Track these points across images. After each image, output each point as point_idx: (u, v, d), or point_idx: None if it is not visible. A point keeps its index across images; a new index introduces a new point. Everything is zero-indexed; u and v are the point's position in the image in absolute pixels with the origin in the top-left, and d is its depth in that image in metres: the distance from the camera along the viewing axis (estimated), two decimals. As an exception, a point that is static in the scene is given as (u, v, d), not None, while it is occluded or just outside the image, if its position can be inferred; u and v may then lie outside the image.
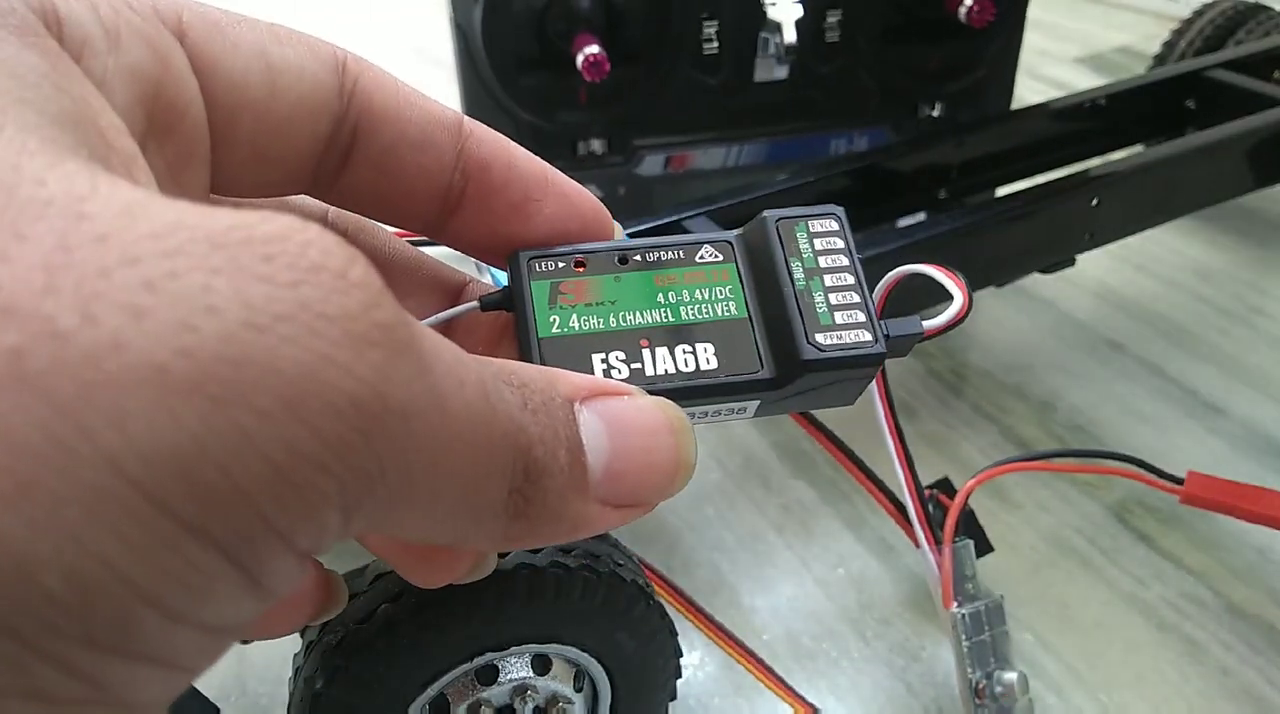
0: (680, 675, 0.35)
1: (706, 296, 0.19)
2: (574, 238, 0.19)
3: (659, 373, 0.18)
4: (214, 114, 0.15)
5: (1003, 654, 0.37)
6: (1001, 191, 0.57)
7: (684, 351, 0.18)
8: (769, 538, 0.47)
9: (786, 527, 0.48)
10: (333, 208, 0.19)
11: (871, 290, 0.19)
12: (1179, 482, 0.37)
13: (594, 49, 0.46)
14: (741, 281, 0.19)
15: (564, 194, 0.18)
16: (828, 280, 0.18)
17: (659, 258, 0.19)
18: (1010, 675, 0.36)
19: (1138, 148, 0.61)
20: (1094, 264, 0.64)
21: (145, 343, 0.09)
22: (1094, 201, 0.49)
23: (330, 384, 0.10)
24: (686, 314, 0.18)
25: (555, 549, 0.29)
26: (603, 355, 0.18)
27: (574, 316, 0.18)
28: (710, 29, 0.50)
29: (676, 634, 0.33)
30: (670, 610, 0.33)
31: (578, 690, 0.32)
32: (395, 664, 0.28)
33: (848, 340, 0.18)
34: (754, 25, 0.50)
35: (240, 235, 0.10)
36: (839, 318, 0.18)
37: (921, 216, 0.55)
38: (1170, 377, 0.57)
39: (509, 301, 0.18)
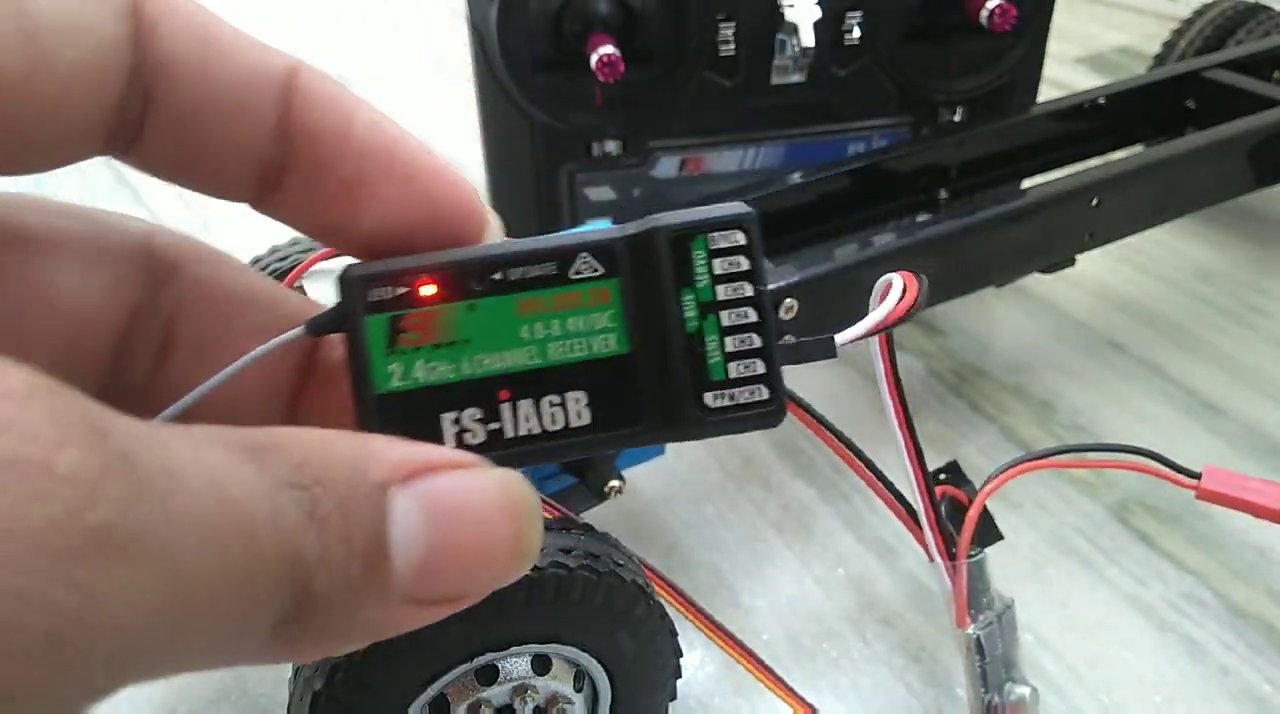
0: (680, 675, 0.35)
1: (580, 327, 0.15)
2: (424, 237, 0.15)
3: (520, 434, 0.15)
4: None
5: (1014, 663, 0.36)
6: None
7: (551, 404, 0.15)
8: (769, 538, 0.47)
9: (786, 527, 0.48)
10: (160, 230, 0.16)
11: (776, 319, 0.16)
12: (1195, 476, 0.37)
13: (609, 49, 0.45)
14: (624, 304, 0.15)
15: (413, 177, 0.15)
16: (726, 318, 0.15)
17: (523, 276, 0.15)
18: (1023, 690, 0.36)
19: (1138, 148, 0.61)
20: (1094, 264, 0.64)
21: None
22: (1094, 201, 0.49)
23: (21, 625, 0.08)
24: (556, 352, 0.15)
25: (555, 549, 0.29)
26: (454, 415, 0.15)
27: (419, 363, 0.15)
28: (727, 31, 0.50)
29: (676, 634, 0.33)
30: (670, 610, 0.33)
31: (578, 690, 0.32)
32: (395, 664, 0.28)
33: (741, 399, 0.15)
34: (771, 27, 0.50)
35: None
36: (734, 369, 0.15)
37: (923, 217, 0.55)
38: (1170, 377, 0.57)
39: (341, 321, 0.15)
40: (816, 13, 0.49)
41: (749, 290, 0.16)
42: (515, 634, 0.29)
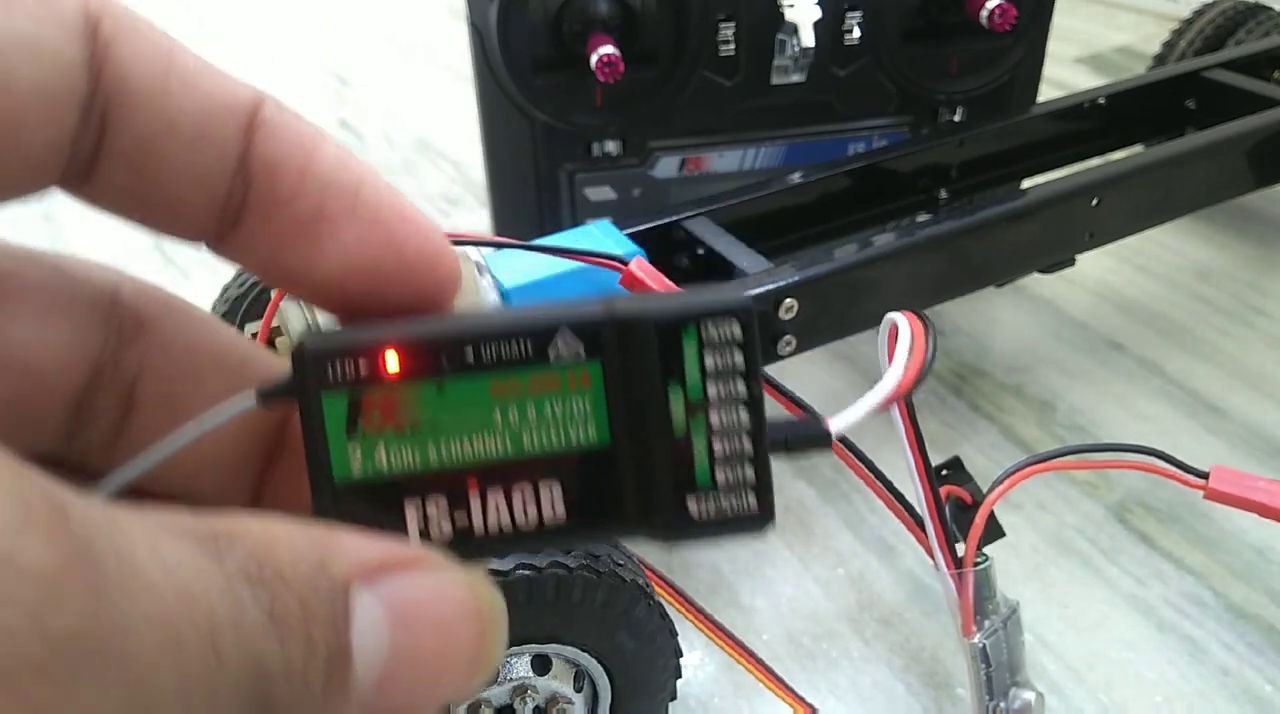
0: (680, 675, 0.35)
1: (558, 414, 0.14)
2: (388, 285, 0.14)
3: (489, 530, 0.14)
4: None
5: (1019, 667, 0.36)
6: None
7: (524, 496, 0.14)
8: (769, 538, 0.47)
9: (786, 526, 0.48)
10: (128, 279, 0.15)
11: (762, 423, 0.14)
12: (1204, 476, 0.37)
13: (609, 49, 0.45)
14: (606, 391, 0.14)
15: (378, 218, 0.13)
16: (715, 419, 0.14)
17: (497, 355, 0.14)
18: (1028, 696, 0.35)
19: (1138, 148, 0.61)
20: (1094, 264, 0.64)
21: None
22: (1094, 201, 0.49)
23: None
24: (530, 441, 0.14)
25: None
26: (419, 504, 0.14)
27: (381, 449, 0.13)
28: (727, 31, 0.50)
29: (676, 634, 0.33)
30: (670, 610, 0.33)
31: (578, 690, 0.32)
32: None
33: (726, 509, 0.14)
34: (771, 27, 0.50)
35: None
36: (721, 476, 0.14)
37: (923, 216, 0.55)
38: (1170, 376, 0.57)
39: (295, 391, 0.14)
40: (816, 13, 0.49)
41: (742, 389, 0.14)
42: (515, 634, 0.29)
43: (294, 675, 0.10)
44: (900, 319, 0.16)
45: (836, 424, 0.15)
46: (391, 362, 0.13)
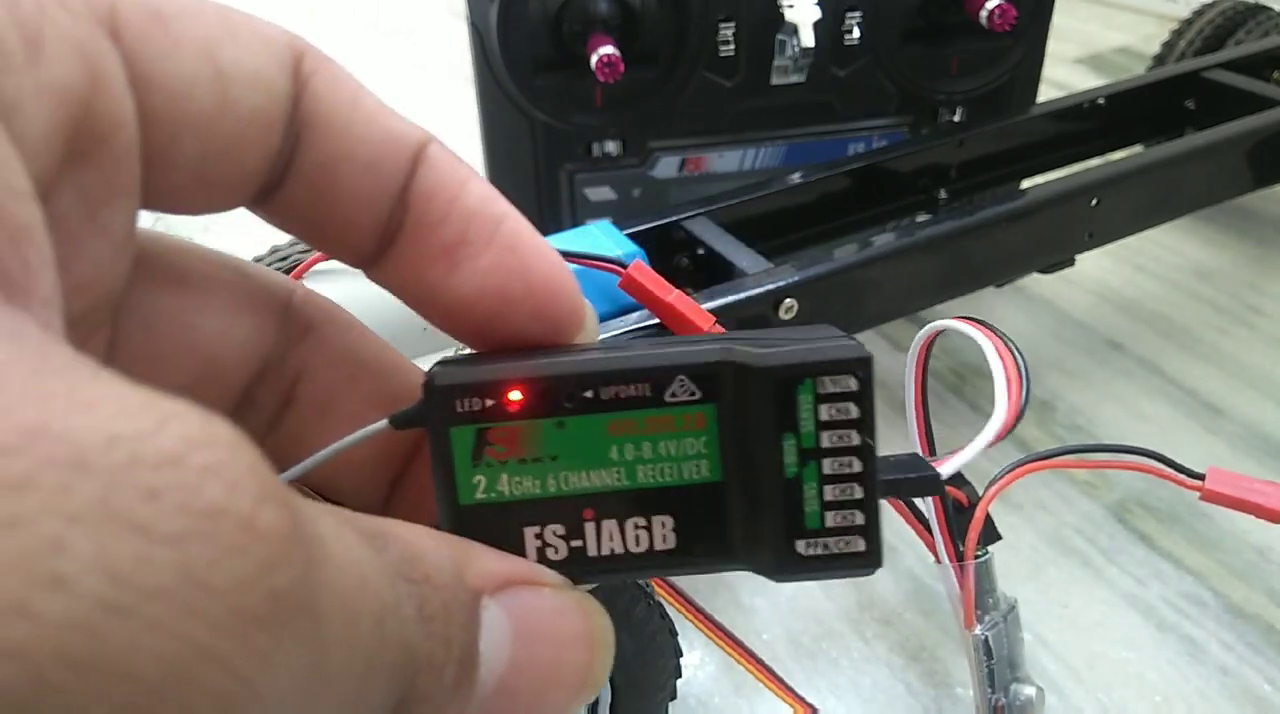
0: (680, 675, 0.35)
1: (673, 453, 0.15)
2: (515, 316, 0.15)
3: (602, 554, 0.14)
4: (150, 135, 0.12)
5: (1018, 663, 0.36)
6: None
7: (636, 526, 0.15)
8: (769, 538, 0.47)
9: (786, 526, 0.48)
10: (301, 287, 0.16)
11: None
12: (1199, 477, 0.37)
13: (609, 50, 0.45)
14: (720, 432, 0.15)
15: (514, 250, 0.15)
16: (828, 466, 0.14)
17: (616, 395, 0.14)
18: (1029, 691, 0.36)
19: (1137, 148, 0.61)
20: (1093, 264, 0.64)
21: None
22: (1093, 202, 0.49)
23: (197, 683, 0.08)
24: (645, 476, 0.14)
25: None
26: (537, 529, 0.14)
27: (503, 478, 0.14)
28: (727, 31, 0.50)
29: (676, 634, 0.33)
30: (670, 610, 0.33)
31: (578, 690, 0.32)
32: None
33: (835, 549, 0.15)
34: (771, 28, 0.50)
35: (122, 455, 0.08)
36: (831, 519, 0.15)
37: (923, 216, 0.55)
38: (1169, 376, 0.57)
39: (425, 419, 0.15)
40: (816, 13, 0.49)
41: (855, 440, 0.15)
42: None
43: (434, 669, 0.11)
44: (985, 343, 0.16)
45: (946, 469, 0.15)
46: (516, 399, 0.14)
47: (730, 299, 0.39)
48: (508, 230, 0.15)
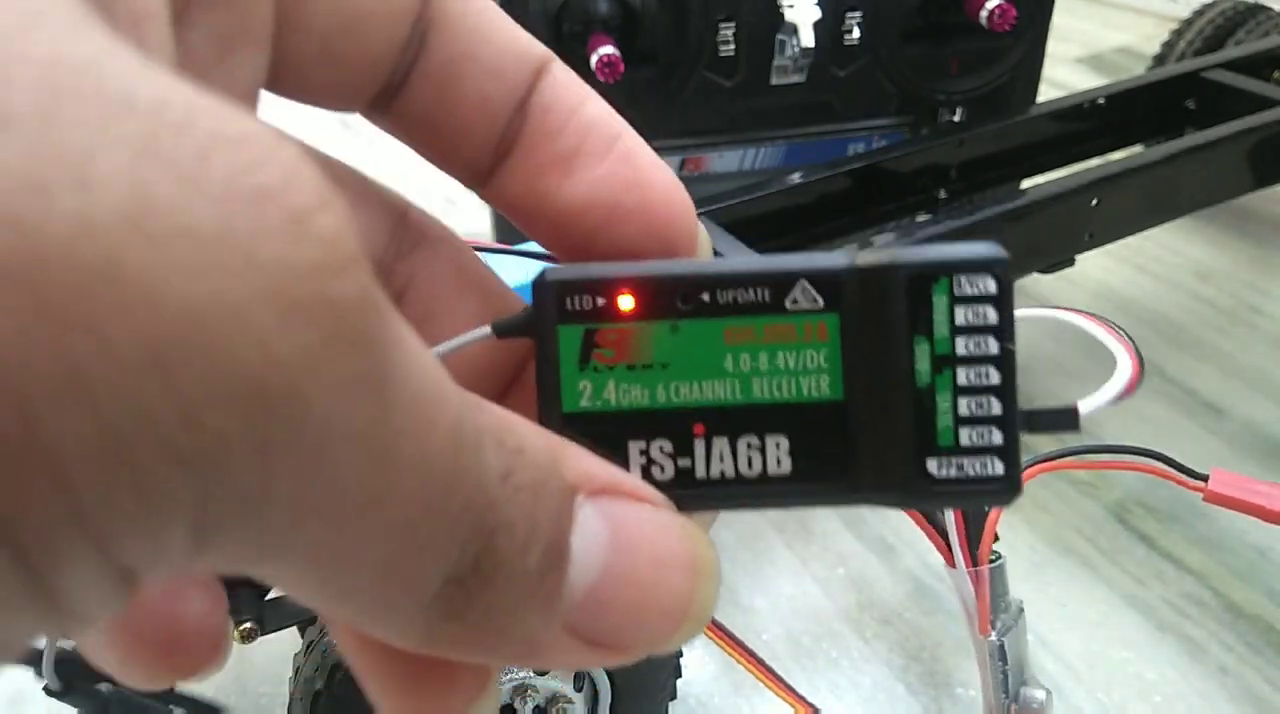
0: (680, 675, 0.35)
1: (791, 365, 0.14)
2: (626, 229, 0.14)
3: (712, 475, 0.14)
4: None
5: (1026, 666, 0.36)
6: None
7: (749, 446, 0.14)
8: (769, 538, 0.47)
9: (786, 526, 0.48)
10: (415, 205, 0.16)
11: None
12: (1203, 478, 0.37)
13: (609, 49, 0.45)
14: (843, 344, 0.13)
15: (631, 163, 0.14)
16: (963, 376, 0.13)
17: (734, 299, 0.14)
18: (1040, 694, 0.35)
19: (1137, 148, 0.61)
20: (1093, 264, 0.64)
21: None
22: (1094, 201, 0.49)
23: (229, 351, 0.07)
24: (761, 390, 0.14)
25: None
26: (642, 444, 0.14)
27: (611, 384, 0.14)
28: (727, 31, 0.50)
29: (676, 634, 0.33)
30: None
31: (578, 690, 0.32)
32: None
33: (970, 471, 0.13)
34: (771, 28, 0.50)
35: (176, 116, 0.07)
36: (965, 436, 0.13)
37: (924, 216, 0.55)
38: (1170, 377, 0.57)
39: (531, 327, 0.14)
40: (816, 13, 0.49)
41: (994, 347, 0.13)
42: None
43: (515, 543, 0.10)
44: (1066, 316, 0.16)
45: (1085, 406, 0.15)
46: (628, 299, 0.14)
47: (730, 299, 0.39)
48: (625, 145, 0.15)
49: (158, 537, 0.07)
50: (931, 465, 0.13)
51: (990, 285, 0.13)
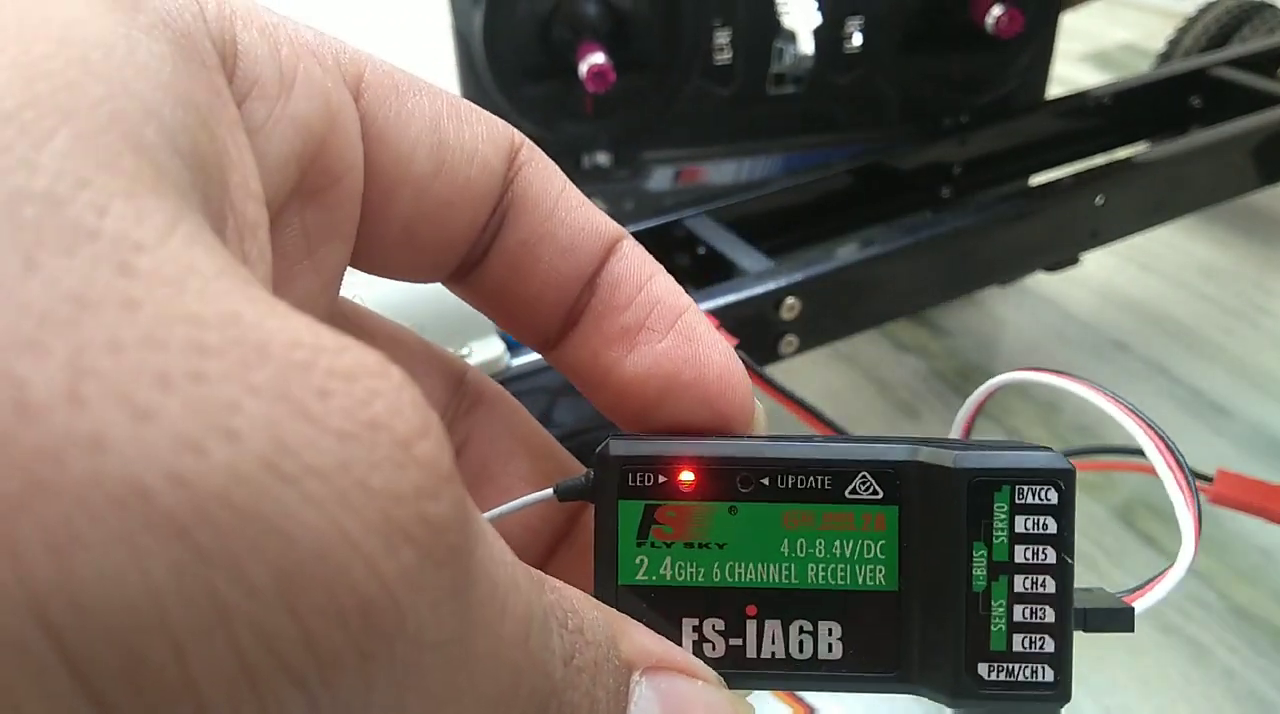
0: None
1: (848, 554, 0.14)
2: (683, 403, 0.15)
3: (762, 657, 0.14)
4: (372, 185, 0.14)
5: None
6: (1005, 190, 0.56)
7: (801, 630, 0.14)
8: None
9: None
10: (473, 368, 0.17)
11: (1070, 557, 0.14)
12: (1208, 480, 0.36)
13: (599, 58, 0.44)
14: (901, 537, 0.14)
15: (691, 340, 0.15)
16: (1019, 584, 0.13)
17: (794, 485, 0.14)
18: None
19: (1142, 145, 0.61)
20: (1098, 263, 0.64)
21: (133, 452, 0.07)
22: (1098, 200, 0.48)
23: (343, 574, 0.08)
24: (816, 576, 0.14)
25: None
26: (695, 621, 0.14)
27: (668, 561, 0.14)
28: (722, 37, 0.49)
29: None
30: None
31: None
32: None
33: (1020, 677, 0.13)
34: (768, 34, 0.49)
35: (302, 357, 0.08)
36: (1018, 642, 0.13)
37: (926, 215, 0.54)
38: (1175, 377, 0.56)
39: (590, 492, 0.15)
40: (817, 19, 0.48)
41: (1052, 557, 0.13)
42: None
43: None
44: (1166, 473, 0.15)
45: (1140, 604, 0.15)
46: (690, 477, 0.14)
47: (731, 298, 0.39)
48: (686, 321, 0.15)
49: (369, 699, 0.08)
50: (982, 669, 0.13)
51: (1053, 496, 0.13)
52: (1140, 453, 0.36)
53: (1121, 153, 0.56)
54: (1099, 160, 0.52)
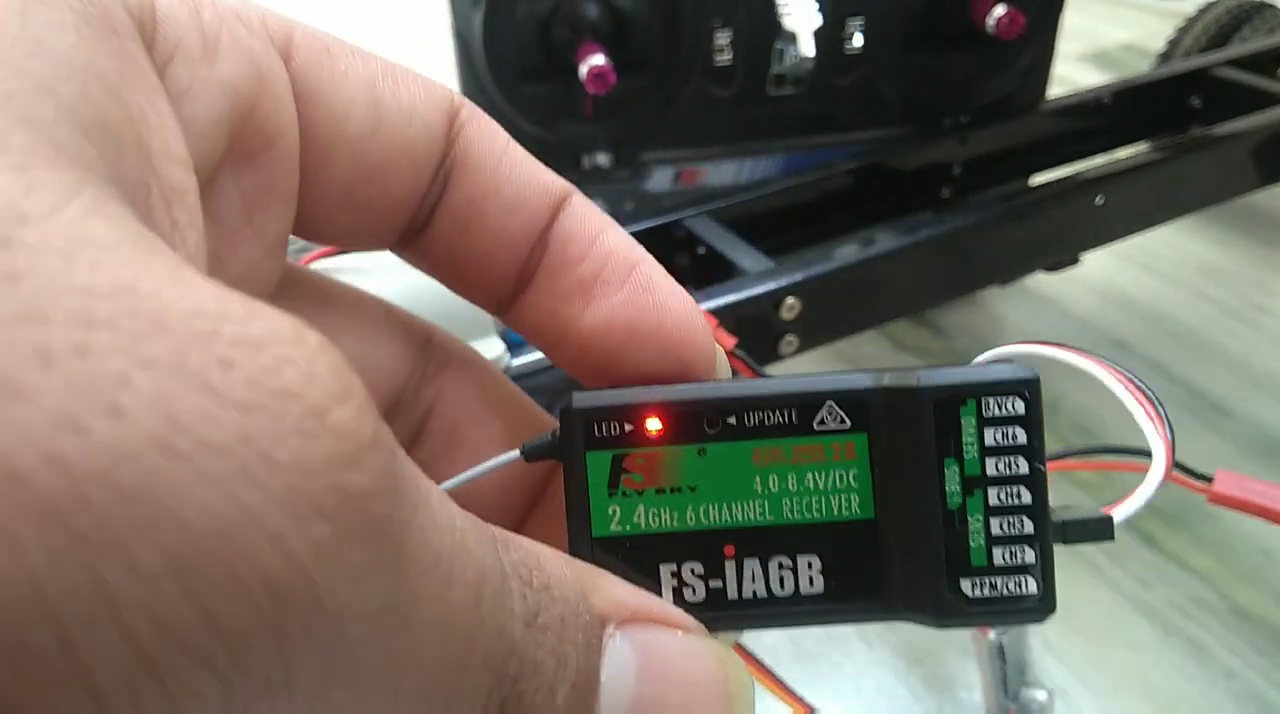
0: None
1: (821, 485, 0.14)
2: (644, 352, 0.15)
3: (744, 596, 0.14)
4: (308, 147, 0.13)
5: (1028, 667, 0.36)
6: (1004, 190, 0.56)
7: (781, 566, 0.14)
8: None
9: (788, 527, 0.48)
10: (439, 330, 0.17)
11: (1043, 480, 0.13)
12: (1208, 480, 0.36)
13: (599, 60, 0.44)
14: (872, 464, 0.14)
15: (648, 288, 0.15)
16: (994, 496, 0.13)
17: (761, 421, 0.14)
18: (1041, 696, 0.35)
19: (1142, 145, 0.60)
20: (1098, 263, 0.64)
21: (6, 434, 0.07)
22: (1099, 199, 0.48)
23: (247, 554, 0.08)
24: (791, 511, 0.14)
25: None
26: (673, 567, 0.14)
27: (640, 509, 0.14)
28: (723, 39, 0.49)
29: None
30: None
31: None
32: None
33: (1003, 590, 0.13)
34: (769, 35, 0.49)
35: (203, 326, 0.08)
36: (998, 556, 0.13)
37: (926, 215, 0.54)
38: (1176, 377, 0.56)
39: (559, 451, 0.14)
40: (817, 20, 0.48)
41: (1024, 467, 0.13)
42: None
43: (542, 680, 0.11)
44: (1105, 376, 0.15)
45: (1118, 514, 0.14)
46: (655, 424, 0.14)
47: (731, 298, 0.39)
48: (642, 272, 0.15)
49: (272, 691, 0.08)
50: (965, 585, 0.13)
51: (1019, 406, 0.13)
52: (1143, 453, 0.35)
53: (1121, 153, 0.56)
54: (1099, 160, 0.52)
